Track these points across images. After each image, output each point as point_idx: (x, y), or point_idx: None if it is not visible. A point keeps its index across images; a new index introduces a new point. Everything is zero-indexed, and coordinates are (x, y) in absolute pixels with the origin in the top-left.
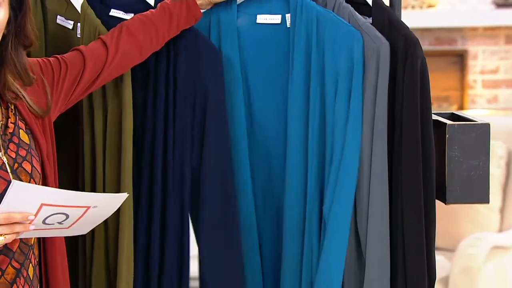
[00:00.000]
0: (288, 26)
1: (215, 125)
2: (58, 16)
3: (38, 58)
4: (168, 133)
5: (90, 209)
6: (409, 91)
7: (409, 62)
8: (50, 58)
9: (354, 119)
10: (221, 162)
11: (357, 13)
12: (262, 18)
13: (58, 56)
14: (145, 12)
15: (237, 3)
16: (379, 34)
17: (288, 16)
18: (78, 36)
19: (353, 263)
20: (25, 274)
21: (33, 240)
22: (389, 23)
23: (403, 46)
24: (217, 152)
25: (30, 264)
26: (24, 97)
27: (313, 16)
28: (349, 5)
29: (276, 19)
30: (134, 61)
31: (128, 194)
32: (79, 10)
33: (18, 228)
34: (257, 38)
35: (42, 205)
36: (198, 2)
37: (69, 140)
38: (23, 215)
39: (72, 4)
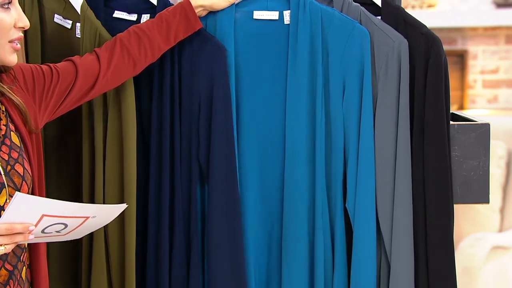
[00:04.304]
0: (286, 22)
1: (221, 120)
2: (56, 15)
3: (31, 64)
4: (174, 130)
5: (89, 219)
6: (434, 90)
7: (433, 61)
8: (42, 66)
9: (367, 116)
10: (227, 157)
11: (369, 13)
12: (258, 14)
13: (50, 64)
14: (142, 24)
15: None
16: (397, 32)
17: (286, 13)
18: (77, 36)
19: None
20: (18, 277)
21: (26, 243)
22: (404, 22)
23: (424, 45)
24: (223, 147)
25: (24, 267)
26: (8, 91)
27: (318, 14)
28: (359, 5)
29: (273, 15)
30: (128, 75)
31: (127, 205)
32: (77, 10)
33: (18, 238)
34: (253, 33)
35: (43, 216)
36: (196, 11)
37: (69, 147)
38: (24, 226)
39: (70, 4)
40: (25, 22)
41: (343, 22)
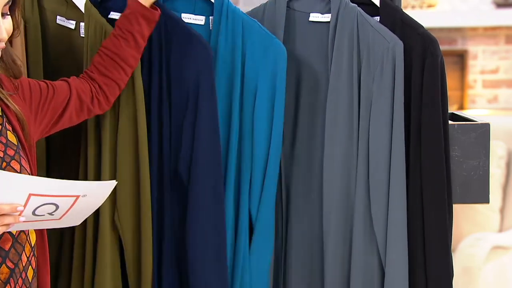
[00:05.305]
0: (211, 28)
1: (205, 115)
2: (58, 16)
3: (28, 78)
4: (163, 131)
5: (79, 198)
6: (430, 90)
7: (429, 61)
8: (39, 81)
9: (276, 126)
10: (212, 154)
11: (366, 13)
12: (186, 17)
13: (47, 81)
14: (108, 42)
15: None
16: (393, 34)
17: (212, 18)
18: (82, 35)
19: (366, 259)
20: (23, 276)
21: (34, 241)
22: (402, 23)
23: (421, 45)
24: (209, 145)
25: (30, 267)
26: (6, 98)
27: (239, 23)
28: (356, 5)
29: (200, 19)
30: (116, 94)
31: (116, 182)
32: (81, 9)
33: (8, 219)
34: None
35: (30, 195)
36: None
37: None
38: (11, 206)
39: (73, 4)
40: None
41: (261, 36)
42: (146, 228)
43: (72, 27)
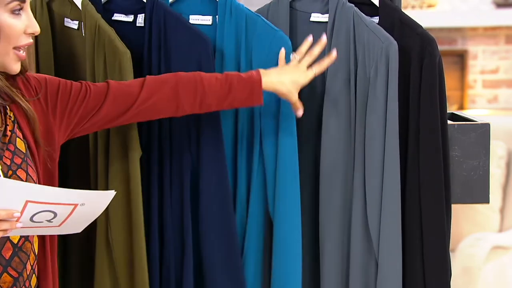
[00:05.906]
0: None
1: (208, 115)
2: (65, 18)
3: (60, 79)
4: (162, 131)
5: (77, 207)
6: (428, 90)
7: (427, 61)
8: (73, 82)
9: (285, 117)
10: (218, 158)
11: (362, 13)
12: (194, 19)
13: (84, 82)
14: (207, 77)
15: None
16: (387, 34)
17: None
18: (84, 35)
19: (362, 260)
20: (27, 284)
21: (36, 249)
22: (400, 23)
23: (419, 45)
24: (213, 144)
25: (34, 275)
26: (17, 95)
27: (242, 19)
28: (353, 5)
29: (207, 20)
30: (165, 115)
31: (115, 192)
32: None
33: (4, 225)
34: None
35: (27, 202)
36: (264, 88)
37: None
38: (8, 212)
39: (76, 4)
40: (35, 28)
41: (265, 29)
42: (139, 245)
43: (76, 27)
